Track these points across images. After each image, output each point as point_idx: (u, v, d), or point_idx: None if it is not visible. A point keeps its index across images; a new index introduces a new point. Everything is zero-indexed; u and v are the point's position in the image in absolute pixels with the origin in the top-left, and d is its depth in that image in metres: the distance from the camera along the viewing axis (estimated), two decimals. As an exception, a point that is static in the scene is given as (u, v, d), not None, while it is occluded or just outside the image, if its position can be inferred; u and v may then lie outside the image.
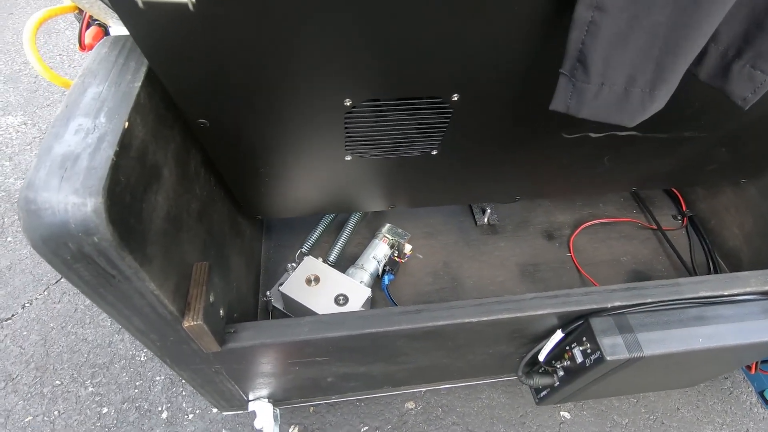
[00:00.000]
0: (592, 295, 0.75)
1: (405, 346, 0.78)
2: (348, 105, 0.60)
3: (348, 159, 0.74)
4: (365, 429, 1.13)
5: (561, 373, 0.83)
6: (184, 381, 1.20)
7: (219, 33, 0.46)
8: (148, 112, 0.52)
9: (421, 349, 0.81)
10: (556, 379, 0.85)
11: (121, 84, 0.51)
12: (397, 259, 1.14)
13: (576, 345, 0.77)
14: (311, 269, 1.00)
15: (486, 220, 1.25)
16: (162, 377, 1.20)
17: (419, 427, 1.14)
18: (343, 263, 1.13)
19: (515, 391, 1.20)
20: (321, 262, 1.03)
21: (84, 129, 0.45)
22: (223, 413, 1.14)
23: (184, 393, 1.18)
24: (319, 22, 0.46)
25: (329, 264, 1.07)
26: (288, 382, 0.88)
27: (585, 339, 0.75)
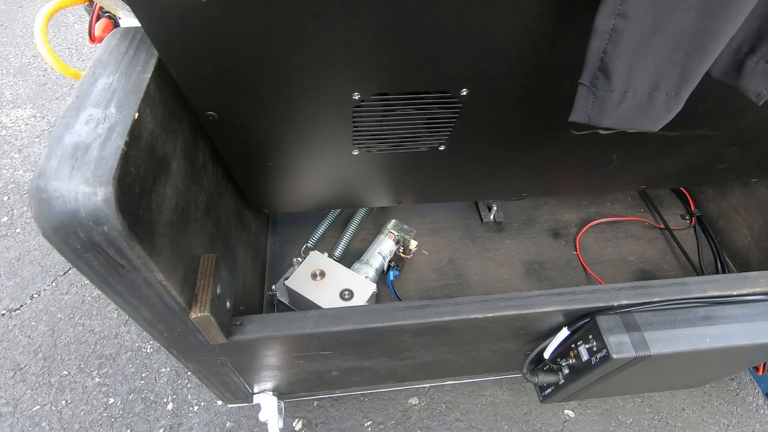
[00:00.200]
0: (598, 293, 0.74)
1: (409, 341, 0.78)
2: (356, 99, 0.60)
3: (355, 153, 0.74)
4: (369, 424, 1.13)
5: (566, 371, 0.83)
6: (189, 373, 1.21)
7: (230, 25, 0.46)
8: (157, 103, 0.52)
9: (426, 345, 0.81)
10: (561, 377, 0.85)
11: (131, 75, 0.51)
12: (403, 255, 1.14)
13: (582, 343, 0.77)
14: (317, 264, 1.01)
15: (492, 217, 1.25)
16: (168, 369, 1.21)
17: (422, 423, 1.14)
18: (349, 258, 1.13)
19: (519, 389, 1.20)
20: (326, 257, 1.03)
21: (94, 119, 0.45)
22: (228, 406, 1.15)
23: (189, 385, 1.19)
24: (330, 15, 0.46)
25: (334, 259, 1.07)
26: (293, 375, 0.88)
27: (591, 337, 0.75)
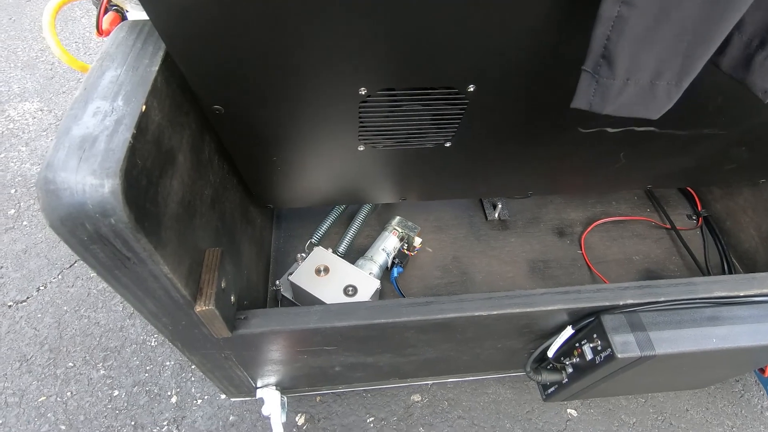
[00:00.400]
0: (603, 292, 0.74)
1: (413, 338, 0.78)
2: (363, 94, 0.60)
3: (361, 149, 0.74)
4: (371, 420, 1.13)
5: (570, 370, 0.83)
6: (193, 367, 1.22)
7: (237, 19, 0.46)
8: (164, 97, 0.52)
9: (429, 342, 0.81)
10: (564, 376, 0.84)
11: (139, 68, 0.51)
12: (407, 252, 1.14)
13: (586, 342, 0.77)
14: (321, 259, 1.01)
15: (497, 215, 1.25)
16: (172, 362, 1.22)
17: (425, 420, 1.14)
18: (353, 255, 1.13)
19: (522, 387, 1.20)
20: (330, 252, 1.03)
21: (102, 111, 0.45)
22: (231, 399, 1.16)
23: (193, 378, 1.19)
24: (338, 10, 0.46)
25: (339, 255, 1.07)
26: (296, 370, 0.89)
27: (596, 336, 0.74)
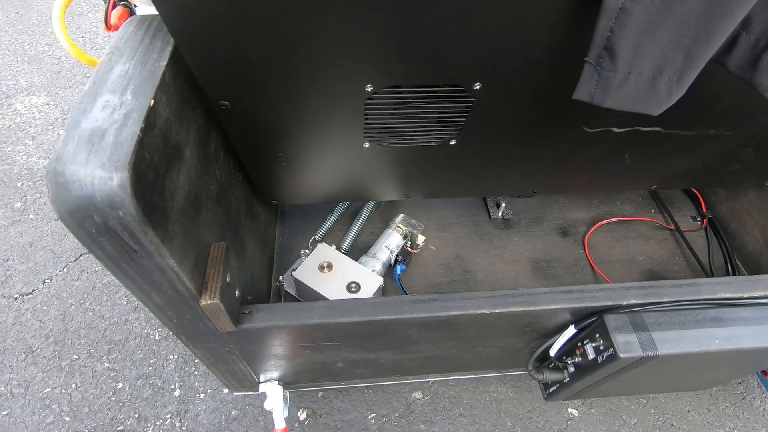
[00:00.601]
0: (607, 292, 0.74)
1: (415, 335, 0.79)
2: (369, 91, 0.60)
3: (366, 146, 0.74)
4: (372, 416, 1.14)
5: (572, 369, 0.83)
6: (196, 361, 1.22)
7: (245, 14, 0.46)
8: (172, 91, 0.53)
9: (431, 339, 0.82)
10: (566, 375, 0.85)
11: (147, 63, 0.51)
12: (410, 250, 1.14)
13: (588, 341, 0.77)
14: (324, 256, 1.01)
15: (500, 214, 1.25)
16: (175, 356, 1.23)
17: (426, 417, 1.14)
18: (356, 252, 1.14)
19: (523, 386, 1.20)
20: (334, 249, 1.03)
21: (111, 105, 0.46)
22: (234, 394, 1.16)
23: (196, 372, 1.20)
24: (346, 7, 0.46)
25: (342, 252, 1.08)
26: (298, 365, 0.89)
27: (598, 336, 0.74)
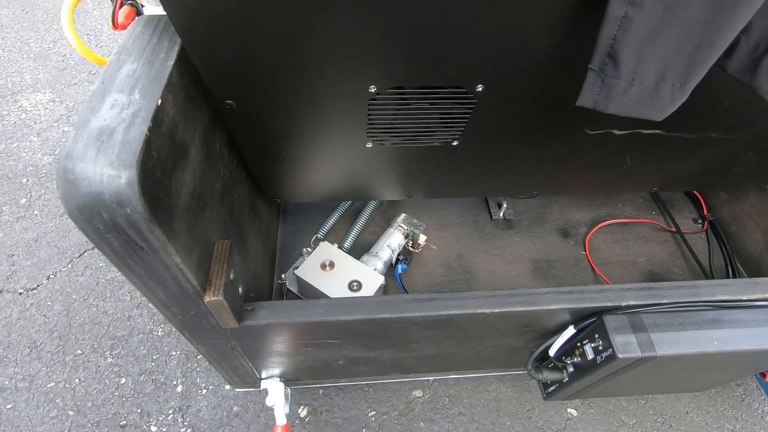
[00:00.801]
0: (606, 293, 0.75)
1: (416, 333, 0.79)
2: (373, 91, 0.61)
3: (369, 146, 0.75)
4: (372, 414, 1.15)
5: (571, 369, 0.84)
6: (199, 357, 1.23)
7: (251, 15, 0.47)
8: (179, 91, 0.54)
9: (432, 338, 0.82)
10: (565, 375, 0.85)
11: (155, 62, 0.52)
12: (412, 249, 1.15)
13: (588, 342, 0.77)
14: (326, 254, 1.02)
15: (501, 214, 1.25)
16: (178, 352, 1.24)
17: (426, 416, 1.15)
18: (358, 251, 1.14)
19: (523, 386, 1.20)
20: (336, 248, 1.04)
21: (119, 104, 0.46)
22: (236, 390, 1.17)
23: (198, 369, 1.21)
24: (350, 8, 0.47)
25: (344, 251, 1.08)
26: (300, 362, 0.90)
27: (597, 336, 0.75)
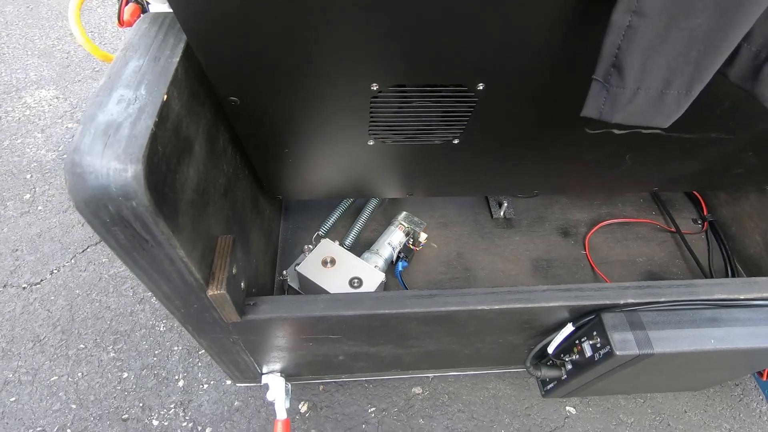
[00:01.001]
0: (605, 291, 0.75)
1: (416, 329, 0.80)
2: (375, 89, 0.61)
3: (370, 144, 0.76)
4: (372, 410, 1.16)
5: (569, 367, 0.84)
6: (200, 352, 1.24)
7: (256, 13, 0.48)
8: (183, 87, 0.54)
9: (432, 334, 0.83)
10: (563, 372, 0.86)
11: (160, 59, 0.53)
12: (412, 247, 1.15)
13: (586, 339, 0.78)
14: (327, 251, 1.03)
15: (502, 213, 1.26)
16: (179, 348, 1.25)
17: (425, 412, 1.16)
18: (359, 248, 1.15)
19: (522, 384, 1.21)
20: (337, 245, 1.05)
21: (126, 99, 0.47)
22: (237, 385, 1.18)
23: (200, 364, 1.22)
24: (353, 6, 0.48)
25: (345, 248, 1.09)
26: (300, 357, 0.91)
27: (595, 333, 0.76)
